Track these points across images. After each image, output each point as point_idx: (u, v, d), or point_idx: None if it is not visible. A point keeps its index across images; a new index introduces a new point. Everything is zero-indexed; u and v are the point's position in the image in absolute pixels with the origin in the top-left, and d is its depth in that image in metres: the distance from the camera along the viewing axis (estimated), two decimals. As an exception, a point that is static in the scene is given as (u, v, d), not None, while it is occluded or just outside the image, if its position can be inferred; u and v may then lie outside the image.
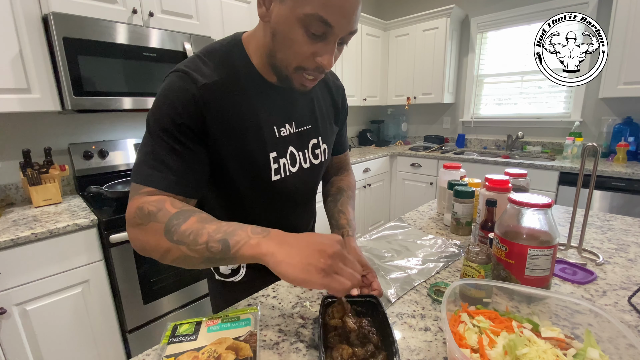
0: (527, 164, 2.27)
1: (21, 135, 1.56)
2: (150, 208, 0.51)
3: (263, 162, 0.64)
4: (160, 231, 0.50)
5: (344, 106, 0.84)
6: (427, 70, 2.97)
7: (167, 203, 0.52)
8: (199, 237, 0.48)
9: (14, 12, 1.25)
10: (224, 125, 0.59)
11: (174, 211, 0.51)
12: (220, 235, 0.47)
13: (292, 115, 0.69)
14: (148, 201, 0.52)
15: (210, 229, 0.48)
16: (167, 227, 0.49)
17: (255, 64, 0.62)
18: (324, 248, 0.45)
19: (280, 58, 0.56)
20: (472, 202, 0.98)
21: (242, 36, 0.64)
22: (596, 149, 0.81)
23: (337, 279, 0.44)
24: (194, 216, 0.51)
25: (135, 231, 0.53)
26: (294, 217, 0.79)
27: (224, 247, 0.46)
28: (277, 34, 0.54)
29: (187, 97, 0.55)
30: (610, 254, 0.85)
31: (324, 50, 0.53)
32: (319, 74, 0.58)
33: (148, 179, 0.54)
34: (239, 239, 0.47)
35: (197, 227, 0.49)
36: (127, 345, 1.46)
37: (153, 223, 0.50)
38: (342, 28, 0.52)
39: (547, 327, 0.50)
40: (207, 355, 0.49)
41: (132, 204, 0.54)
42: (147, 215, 0.51)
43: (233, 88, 0.60)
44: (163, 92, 0.56)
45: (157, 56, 1.56)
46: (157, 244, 0.50)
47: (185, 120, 0.55)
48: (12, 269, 1.14)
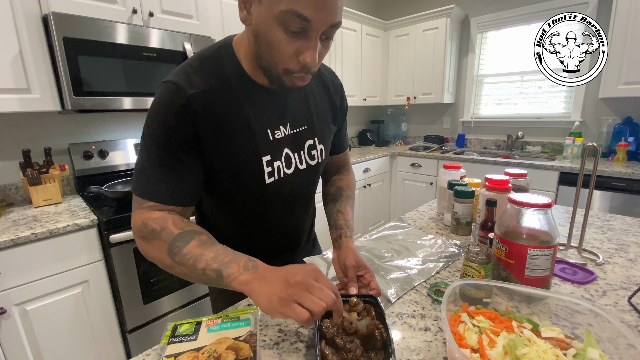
0: (527, 164, 2.27)
1: (21, 135, 1.56)
2: (154, 225, 0.55)
3: (256, 167, 0.64)
4: (164, 250, 0.54)
5: (343, 105, 0.82)
6: (427, 70, 2.97)
7: (169, 222, 0.56)
8: (198, 262, 0.52)
9: (14, 12, 1.25)
10: (215, 133, 0.59)
11: (177, 232, 0.55)
12: (216, 265, 0.51)
13: (287, 117, 0.68)
14: (151, 218, 0.56)
15: (208, 257, 0.52)
16: (170, 247, 0.54)
17: (245, 68, 0.62)
18: (287, 278, 0.47)
19: (267, 60, 0.55)
20: (472, 202, 0.98)
21: (233, 40, 0.63)
22: (596, 149, 0.81)
23: (294, 308, 0.44)
24: (194, 240, 0.54)
25: (142, 243, 0.58)
26: (291, 218, 0.78)
27: (218, 276, 0.51)
28: (258, 36, 0.53)
29: (178, 109, 0.55)
30: (610, 254, 0.85)
31: (305, 47, 0.52)
32: (306, 74, 0.56)
33: (147, 193, 0.57)
34: (231, 272, 0.50)
35: (197, 253, 0.53)
36: (127, 345, 1.46)
37: (157, 241, 0.55)
38: (320, 21, 0.50)
39: (547, 327, 0.50)
40: (207, 355, 0.49)
41: (136, 216, 0.58)
42: (152, 232, 0.55)
43: (224, 95, 0.60)
44: (154, 106, 0.57)
45: (157, 56, 1.56)
46: (160, 260, 0.56)
47: (178, 132, 0.56)
48: (12, 269, 1.14)
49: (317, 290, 0.46)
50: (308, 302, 0.44)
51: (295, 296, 0.45)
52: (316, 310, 0.44)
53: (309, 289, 0.46)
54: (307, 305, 0.44)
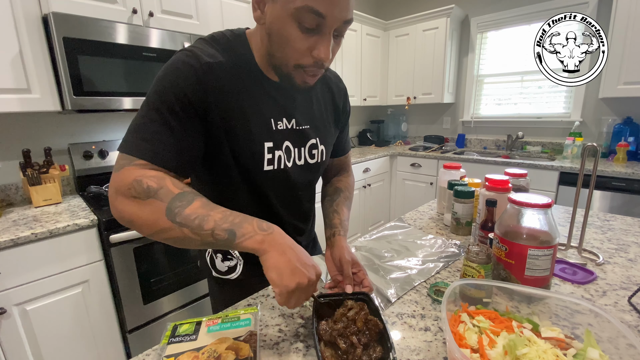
0: (527, 164, 2.27)
1: (21, 135, 1.56)
2: (150, 183, 0.50)
3: (257, 150, 0.64)
4: (161, 210, 0.49)
5: (346, 109, 0.83)
6: (427, 70, 2.97)
7: (167, 181, 0.51)
8: (205, 223, 0.49)
9: (14, 12, 1.25)
10: (223, 106, 0.59)
11: (177, 192, 0.51)
12: (227, 225, 0.50)
13: (292, 114, 0.68)
14: (147, 175, 0.51)
15: (217, 217, 0.50)
16: (170, 207, 0.49)
17: (257, 61, 0.63)
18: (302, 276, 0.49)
19: (279, 57, 0.56)
20: (472, 202, 0.98)
21: (247, 32, 0.65)
22: (596, 149, 0.81)
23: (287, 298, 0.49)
24: (197, 200, 0.51)
25: (128, 203, 0.51)
26: (285, 215, 0.77)
27: (230, 236, 0.49)
28: (272, 34, 0.55)
29: (191, 73, 0.55)
30: (610, 254, 0.85)
31: (319, 43, 0.53)
32: (318, 70, 0.57)
33: (142, 151, 0.52)
34: (245, 232, 0.50)
35: (202, 213, 0.50)
36: (127, 345, 1.46)
37: (153, 200, 0.50)
38: (334, 17, 0.51)
39: (547, 327, 0.50)
40: (207, 355, 0.49)
41: (125, 173, 0.51)
42: (146, 190, 0.50)
43: (236, 73, 0.60)
44: (167, 67, 0.56)
45: (157, 56, 1.56)
46: (154, 221, 0.50)
47: (187, 94, 0.54)
48: (12, 269, 1.14)
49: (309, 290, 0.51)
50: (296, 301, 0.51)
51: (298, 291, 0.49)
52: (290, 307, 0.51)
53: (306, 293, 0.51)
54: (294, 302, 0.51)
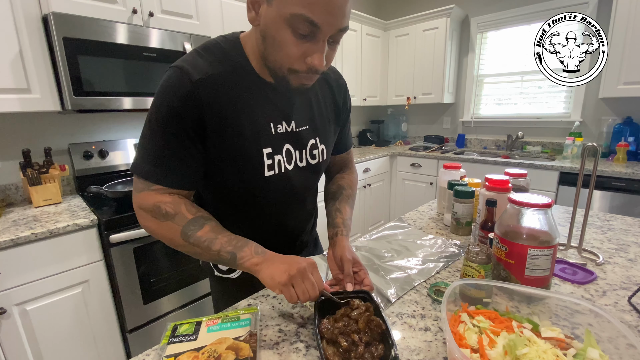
0: (527, 164, 2.27)
1: (21, 135, 1.56)
2: (167, 209, 0.59)
3: (256, 157, 0.64)
4: (176, 232, 0.59)
5: (346, 105, 0.82)
6: (427, 70, 2.97)
7: (182, 207, 0.60)
8: (212, 245, 0.58)
9: (14, 12, 1.25)
10: (219, 119, 0.60)
11: (190, 217, 0.60)
12: (231, 248, 0.58)
13: (290, 116, 0.68)
14: (164, 201, 0.59)
15: (223, 240, 0.59)
16: (184, 231, 0.59)
17: (252, 64, 0.63)
18: (291, 265, 0.56)
19: (273, 60, 0.56)
20: (472, 202, 0.98)
21: (240, 36, 0.64)
22: (596, 149, 0.81)
23: (288, 290, 0.55)
24: (207, 225, 0.60)
25: (150, 220, 0.60)
26: (291, 217, 0.78)
27: (232, 257, 0.58)
28: (266, 36, 0.54)
29: (183, 94, 0.56)
30: (610, 254, 0.85)
31: (313, 50, 0.53)
32: (313, 75, 0.57)
33: (154, 176, 0.59)
34: (244, 255, 0.58)
35: (211, 237, 0.59)
36: (127, 345, 1.46)
37: (170, 223, 0.59)
38: (329, 27, 0.51)
39: (547, 327, 0.50)
40: (207, 355, 0.49)
41: (146, 197, 0.60)
42: (164, 215, 0.59)
43: (229, 83, 0.60)
44: (161, 90, 0.58)
45: (157, 56, 1.56)
46: (171, 239, 0.60)
47: (181, 114, 0.57)
48: (12, 269, 1.14)
49: (308, 282, 0.56)
50: (299, 289, 0.55)
51: (292, 280, 0.55)
52: (302, 299, 0.55)
53: (303, 279, 0.55)
54: (297, 292, 0.55)
